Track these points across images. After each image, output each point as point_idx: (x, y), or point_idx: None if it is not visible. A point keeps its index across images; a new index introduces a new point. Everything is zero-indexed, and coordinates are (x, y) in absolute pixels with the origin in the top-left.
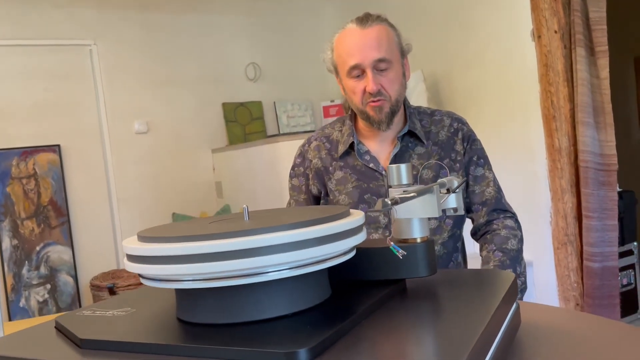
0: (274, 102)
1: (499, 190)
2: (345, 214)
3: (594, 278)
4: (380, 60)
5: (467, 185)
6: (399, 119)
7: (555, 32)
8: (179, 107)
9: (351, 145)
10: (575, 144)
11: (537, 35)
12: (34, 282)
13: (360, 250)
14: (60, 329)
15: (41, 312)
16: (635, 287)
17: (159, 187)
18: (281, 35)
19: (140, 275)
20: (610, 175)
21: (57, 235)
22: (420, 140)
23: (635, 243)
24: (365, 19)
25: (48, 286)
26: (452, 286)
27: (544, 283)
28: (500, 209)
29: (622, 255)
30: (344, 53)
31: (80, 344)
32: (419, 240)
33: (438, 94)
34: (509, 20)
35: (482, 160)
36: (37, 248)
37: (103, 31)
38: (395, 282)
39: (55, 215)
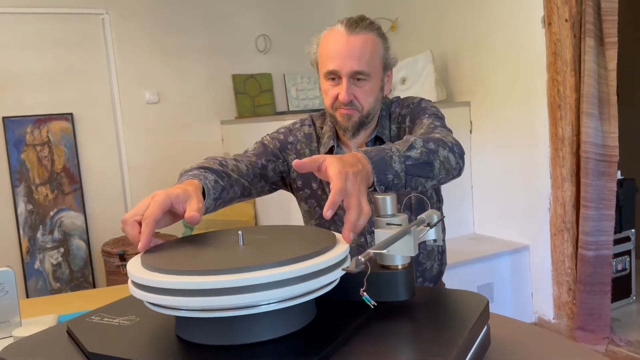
0: (284, 75)
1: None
2: (332, 245)
3: (587, 266)
4: (358, 72)
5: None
6: (371, 124)
7: (566, 20)
8: (190, 78)
9: (331, 147)
10: (578, 134)
11: (548, 23)
12: (48, 245)
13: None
14: (71, 335)
15: (55, 275)
16: (630, 273)
17: (168, 156)
18: (292, 7)
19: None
20: (611, 166)
21: (70, 201)
22: None
23: (633, 230)
24: (355, 24)
25: (61, 250)
26: (428, 308)
27: (540, 267)
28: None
29: (619, 241)
30: (324, 54)
31: (89, 357)
32: (400, 267)
33: (447, 75)
34: (520, 6)
35: (426, 115)
36: (51, 213)
37: (115, 0)
38: (377, 303)
39: (68, 182)
